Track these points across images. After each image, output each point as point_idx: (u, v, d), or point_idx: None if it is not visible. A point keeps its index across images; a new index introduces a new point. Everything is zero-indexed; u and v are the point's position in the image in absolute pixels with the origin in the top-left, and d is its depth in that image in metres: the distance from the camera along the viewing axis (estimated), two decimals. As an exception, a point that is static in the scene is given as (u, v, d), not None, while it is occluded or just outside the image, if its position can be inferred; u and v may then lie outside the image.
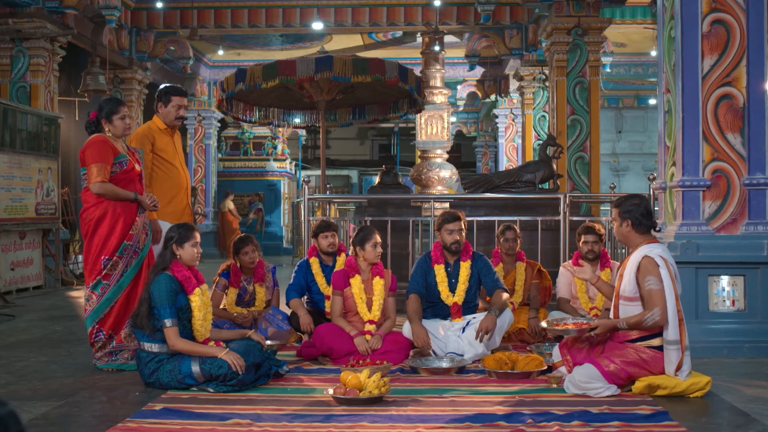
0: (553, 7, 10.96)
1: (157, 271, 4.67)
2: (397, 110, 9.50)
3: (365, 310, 5.45)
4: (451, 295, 5.57)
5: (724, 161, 5.75)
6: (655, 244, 4.44)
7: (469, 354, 5.26)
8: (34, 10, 10.58)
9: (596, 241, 6.10)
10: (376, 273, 5.52)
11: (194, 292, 4.65)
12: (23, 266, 10.03)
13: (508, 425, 3.73)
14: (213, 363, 4.45)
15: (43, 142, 10.53)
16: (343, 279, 5.51)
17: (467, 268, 5.61)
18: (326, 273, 6.09)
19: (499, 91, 17.70)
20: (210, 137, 18.42)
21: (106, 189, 5.11)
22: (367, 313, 5.45)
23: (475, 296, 5.73)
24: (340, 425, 3.76)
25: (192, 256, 4.72)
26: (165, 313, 4.52)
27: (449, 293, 5.57)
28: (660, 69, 6.14)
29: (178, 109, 5.73)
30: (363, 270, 5.53)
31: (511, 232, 6.47)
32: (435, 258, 5.63)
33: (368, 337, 5.36)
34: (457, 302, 5.56)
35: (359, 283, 5.47)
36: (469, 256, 5.64)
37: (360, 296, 5.45)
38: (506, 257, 6.48)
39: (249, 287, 6.17)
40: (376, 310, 5.45)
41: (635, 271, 4.37)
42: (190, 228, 4.79)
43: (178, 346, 4.53)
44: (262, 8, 13.30)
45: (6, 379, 4.90)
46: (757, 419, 3.88)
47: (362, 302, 5.45)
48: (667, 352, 4.31)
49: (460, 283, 5.57)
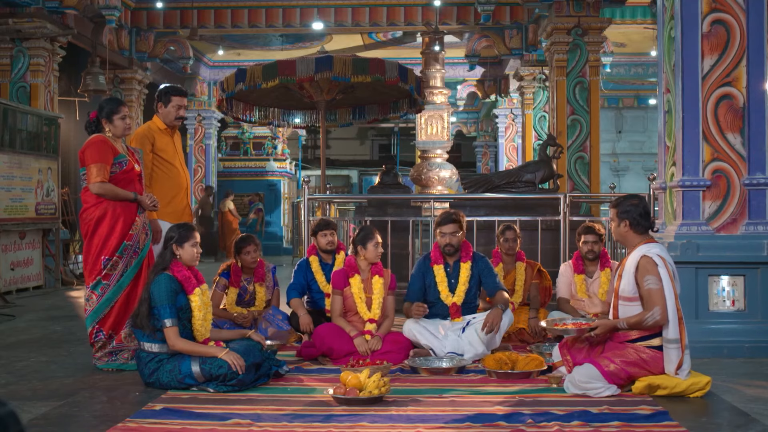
0: (553, 7, 10.96)
1: (157, 271, 4.67)
2: (397, 110, 9.50)
3: (365, 309, 5.46)
4: (450, 296, 5.58)
5: (724, 161, 5.75)
6: (653, 244, 4.44)
7: (469, 354, 5.26)
8: (34, 10, 10.58)
9: (596, 241, 6.10)
10: (375, 272, 5.53)
11: (194, 292, 4.65)
12: (23, 266, 10.03)
13: (508, 425, 3.73)
14: (213, 363, 4.45)
15: (43, 142, 10.53)
16: (342, 278, 5.52)
17: (467, 269, 5.61)
18: (326, 271, 6.10)
19: (499, 91, 17.70)
20: (210, 137, 18.42)
21: (105, 189, 5.11)
22: (366, 312, 5.46)
23: (475, 297, 5.73)
24: (340, 425, 3.76)
25: (192, 256, 4.72)
26: (165, 313, 4.52)
27: (449, 293, 5.58)
28: (660, 69, 6.14)
29: (178, 109, 5.74)
30: (363, 269, 5.54)
31: (511, 232, 6.47)
32: (434, 258, 5.64)
33: (368, 338, 5.37)
34: (456, 303, 5.56)
35: (359, 282, 5.48)
36: (470, 257, 5.65)
37: (359, 295, 5.46)
38: (506, 257, 6.48)
39: (249, 287, 6.17)
40: (376, 309, 5.46)
41: (634, 271, 4.37)
42: (190, 228, 4.79)
43: (178, 346, 4.53)
44: (262, 8, 13.30)
45: (6, 379, 4.90)
46: (757, 419, 3.88)
47: (362, 301, 5.46)
48: (667, 352, 4.31)
49: (460, 284, 5.58)
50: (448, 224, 5.57)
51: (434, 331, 5.44)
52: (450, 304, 5.57)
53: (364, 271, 5.54)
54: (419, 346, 5.43)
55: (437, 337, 5.42)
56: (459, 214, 5.67)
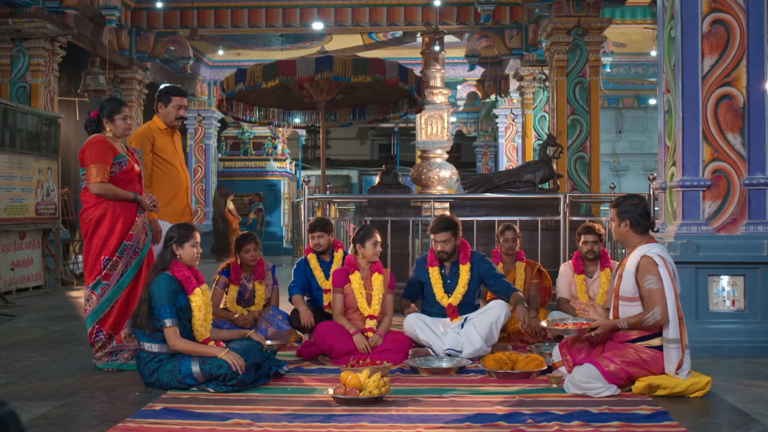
0: (553, 7, 10.96)
1: (157, 271, 4.67)
2: (397, 110, 9.50)
3: (365, 304, 5.50)
4: (446, 297, 5.62)
5: (724, 161, 5.75)
6: (653, 244, 4.44)
7: (468, 350, 5.28)
8: (34, 10, 10.57)
9: (596, 241, 6.10)
10: (375, 270, 5.58)
11: (194, 292, 4.65)
12: (23, 266, 10.03)
13: (508, 425, 3.73)
14: (213, 363, 4.45)
15: (43, 142, 10.53)
16: (343, 276, 5.56)
17: (467, 271, 5.64)
18: (324, 268, 6.18)
19: (499, 91, 17.70)
20: (210, 137, 18.42)
21: (105, 189, 5.12)
22: (366, 308, 5.50)
23: (474, 297, 5.75)
24: (340, 425, 3.76)
25: (192, 256, 4.72)
26: (165, 313, 4.52)
27: (443, 294, 5.62)
28: (660, 69, 6.14)
29: (178, 109, 5.74)
30: (362, 268, 5.58)
31: (511, 232, 6.48)
32: (430, 260, 5.70)
33: (370, 334, 5.39)
34: (452, 303, 5.60)
35: (359, 278, 5.52)
36: (468, 259, 5.67)
37: (360, 291, 5.50)
38: (506, 257, 6.49)
39: (249, 285, 6.18)
40: (376, 305, 5.50)
41: (634, 271, 4.37)
42: (190, 228, 4.79)
43: (178, 346, 4.53)
44: (262, 8, 13.29)
45: (6, 379, 4.90)
46: (757, 419, 3.88)
47: (362, 297, 5.50)
48: (667, 351, 4.31)
49: (459, 285, 5.62)
50: (440, 233, 5.60)
51: (434, 327, 5.46)
52: (446, 305, 5.60)
53: (363, 269, 5.57)
54: (418, 342, 5.45)
55: (436, 334, 5.43)
56: (452, 220, 5.67)
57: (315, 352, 5.43)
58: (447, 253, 5.62)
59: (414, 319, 5.51)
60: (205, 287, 4.77)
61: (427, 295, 5.69)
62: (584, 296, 6.08)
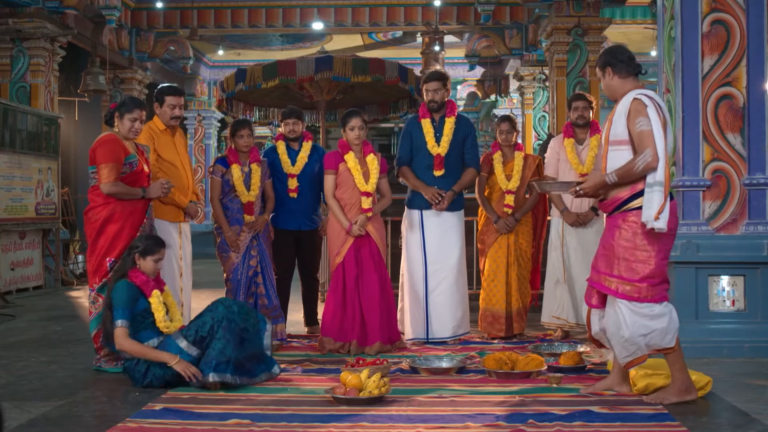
0: (553, 7, 10.96)
1: (117, 278, 4.77)
2: (397, 110, 9.50)
3: (362, 180, 5.77)
4: (436, 146, 6.01)
5: (724, 161, 5.75)
6: (643, 89, 4.27)
7: (451, 259, 5.96)
8: (34, 10, 10.57)
9: (586, 107, 6.21)
10: (368, 152, 5.88)
11: (152, 294, 4.72)
12: (23, 266, 10.02)
13: (508, 425, 3.73)
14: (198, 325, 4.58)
15: (43, 142, 10.53)
16: (336, 157, 5.85)
17: (452, 122, 6.06)
18: (291, 155, 6.31)
19: (499, 91, 17.69)
20: (210, 137, 18.42)
21: (118, 188, 5.09)
22: (363, 183, 5.77)
23: (458, 161, 6.09)
24: (340, 425, 3.76)
25: (152, 270, 4.80)
26: (117, 314, 4.62)
27: (434, 143, 6.01)
28: (660, 69, 6.14)
29: (173, 109, 5.68)
30: (356, 150, 5.87)
31: (506, 123, 6.40)
32: (422, 114, 6.11)
33: (369, 214, 5.75)
34: (441, 153, 5.99)
35: (353, 157, 5.81)
36: (454, 114, 6.09)
37: (356, 168, 5.78)
38: (504, 148, 6.38)
39: (245, 168, 6.05)
40: (373, 181, 5.80)
41: (626, 114, 4.20)
42: (158, 243, 4.86)
43: (125, 346, 4.59)
44: (262, 8, 13.30)
45: (6, 379, 4.90)
46: (757, 419, 3.88)
47: (359, 173, 5.77)
48: (649, 196, 4.09)
49: (444, 135, 6.01)
50: (432, 81, 6.06)
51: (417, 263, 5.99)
52: (435, 155, 5.99)
53: (357, 150, 5.87)
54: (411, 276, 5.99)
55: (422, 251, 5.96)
56: (443, 72, 6.26)
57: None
58: (437, 102, 6.04)
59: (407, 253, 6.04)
60: (167, 289, 4.88)
61: (417, 150, 6.04)
62: (575, 160, 6.14)
